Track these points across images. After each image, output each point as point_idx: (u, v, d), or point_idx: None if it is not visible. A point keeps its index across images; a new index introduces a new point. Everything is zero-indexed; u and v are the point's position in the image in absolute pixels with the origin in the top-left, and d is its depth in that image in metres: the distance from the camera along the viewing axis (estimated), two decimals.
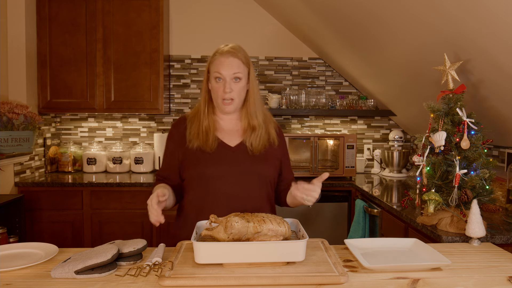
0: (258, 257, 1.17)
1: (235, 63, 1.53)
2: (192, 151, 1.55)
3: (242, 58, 1.55)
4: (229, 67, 1.52)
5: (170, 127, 1.68)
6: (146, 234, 3.03)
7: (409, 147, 3.74)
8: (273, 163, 1.60)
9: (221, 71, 1.52)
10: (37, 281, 1.12)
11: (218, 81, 1.54)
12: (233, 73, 1.52)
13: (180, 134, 1.61)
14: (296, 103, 3.51)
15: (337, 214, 3.13)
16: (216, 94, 1.55)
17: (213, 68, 1.55)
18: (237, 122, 1.63)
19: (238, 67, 1.53)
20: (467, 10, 1.68)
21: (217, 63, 1.54)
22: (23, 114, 2.73)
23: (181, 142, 1.59)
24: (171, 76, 3.66)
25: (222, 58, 1.53)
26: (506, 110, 2.11)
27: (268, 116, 1.66)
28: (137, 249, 1.24)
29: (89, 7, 3.23)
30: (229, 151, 1.56)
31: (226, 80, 1.52)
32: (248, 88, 1.59)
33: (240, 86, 1.55)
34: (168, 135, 1.67)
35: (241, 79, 1.54)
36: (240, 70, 1.53)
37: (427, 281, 1.13)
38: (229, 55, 1.53)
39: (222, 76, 1.52)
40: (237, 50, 1.55)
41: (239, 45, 1.59)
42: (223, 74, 1.52)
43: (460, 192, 1.68)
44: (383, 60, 2.80)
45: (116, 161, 3.44)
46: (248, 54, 1.60)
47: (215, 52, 1.58)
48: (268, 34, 3.63)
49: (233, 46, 1.57)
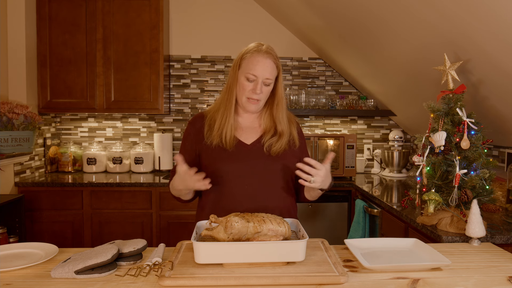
0: (258, 257, 1.17)
1: (270, 66, 1.50)
2: (210, 148, 1.54)
3: (277, 61, 1.53)
4: (264, 68, 1.49)
5: (187, 125, 1.66)
6: (146, 234, 3.03)
7: (409, 147, 3.74)
8: (290, 161, 1.57)
9: (256, 71, 1.48)
10: (37, 281, 1.12)
11: (250, 80, 1.50)
12: (266, 77, 1.50)
13: (197, 131, 1.59)
14: (296, 103, 3.51)
15: (337, 214, 3.13)
16: (243, 92, 1.52)
17: (247, 65, 1.50)
18: (254, 120, 1.62)
19: (272, 70, 1.51)
20: (467, 10, 1.68)
21: (254, 61, 1.49)
22: (23, 114, 2.73)
23: (198, 139, 1.58)
24: (171, 76, 3.66)
25: (260, 57, 1.49)
26: (506, 110, 2.11)
27: (291, 117, 1.65)
28: (137, 249, 1.24)
29: (89, 7, 3.23)
30: (245, 149, 1.55)
31: (259, 81, 1.49)
32: (275, 92, 1.57)
33: (269, 89, 1.54)
34: (184, 132, 1.65)
35: (271, 83, 1.53)
36: (272, 75, 1.51)
37: (427, 281, 1.13)
38: (266, 55, 1.50)
39: (256, 76, 1.49)
40: (273, 52, 1.53)
41: (273, 47, 1.57)
42: (257, 74, 1.48)
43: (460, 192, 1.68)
44: (383, 60, 2.80)
45: (116, 161, 3.44)
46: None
47: (249, 49, 1.52)
48: (268, 34, 3.63)
49: (269, 46, 1.55)
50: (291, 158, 1.58)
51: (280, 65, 1.56)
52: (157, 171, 3.53)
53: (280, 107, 1.58)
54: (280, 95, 1.57)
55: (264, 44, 1.55)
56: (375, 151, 3.67)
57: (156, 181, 3.06)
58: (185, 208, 3.03)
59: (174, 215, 3.04)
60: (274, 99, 1.58)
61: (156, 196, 3.01)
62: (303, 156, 1.64)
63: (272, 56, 1.51)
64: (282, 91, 1.58)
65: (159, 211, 3.03)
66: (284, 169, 1.56)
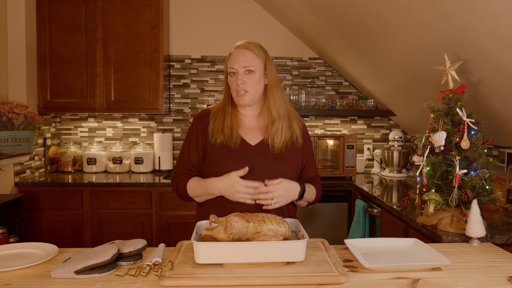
0: (258, 257, 1.17)
1: (247, 55, 1.54)
2: (215, 147, 1.55)
3: (255, 50, 1.55)
4: (241, 59, 1.53)
5: (193, 119, 1.66)
6: (146, 234, 3.03)
7: (409, 147, 3.74)
8: (294, 162, 1.58)
9: (234, 65, 1.54)
10: (37, 281, 1.12)
11: (232, 75, 1.56)
12: (245, 66, 1.53)
13: (203, 127, 1.61)
14: (296, 103, 3.51)
15: (337, 214, 3.13)
16: (231, 88, 1.57)
17: (228, 63, 1.58)
18: (258, 120, 1.62)
19: (250, 59, 1.53)
20: (467, 10, 1.68)
21: (232, 57, 1.57)
22: (23, 114, 2.73)
23: (204, 135, 1.59)
24: (171, 76, 3.66)
25: (236, 51, 1.56)
26: (506, 110, 2.11)
27: (293, 114, 1.65)
28: (137, 249, 1.24)
29: (89, 7, 3.23)
30: (249, 150, 1.55)
31: (239, 72, 1.53)
32: (266, 82, 1.59)
33: (254, 78, 1.54)
34: (190, 127, 1.65)
35: (253, 72, 1.54)
36: (252, 63, 1.53)
37: (427, 281, 1.13)
38: (241, 47, 1.55)
39: (235, 69, 1.54)
40: (251, 43, 1.57)
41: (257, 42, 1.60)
42: (235, 67, 1.54)
43: (460, 192, 1.68)
44: (383, 60, 2.80)
45: (116, 161, 3.44)
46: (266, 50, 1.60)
47: (231, 49, 1.60)
48: (268, 34, 3.63)
49: (248, 40, 1.59)
50: (294, 158, 1.58)
51: (263, 54, 1.58)
52: (157, 171, 3.53)
53: (272, 96, 1.58)
54: (270, 84, 1.58)
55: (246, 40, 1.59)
56: (375, 151, 3.67)
57: (156, 181, 3.06)
58: (185, 208, 3.03)
59: (174, 215, 3.04)
60: (266, 90, 1.60)
61: (156, 196, 3.01)
62: (307, 158, 1.65)
63: (248, 46, 1.55)
64: (272, 80, 1.58)
65: (159, 211, 3.03)
66: (287, 170, 1.56)
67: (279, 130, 1.56)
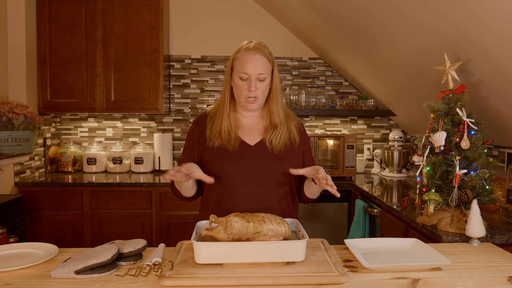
0: (258, 257, 1.17)
1: (261, 61, 1.50)
2: (213, 150, 1.54)
3: (268, 55, 1.53)
4: (255, 65, 1.49)
5: (192, 123, 1.65)
6: (146, 234, 3.03)
7: (409, 147, 3.74)
8: (293, 162, 1.57)
9: (247, 70, 1.49)
10: (37, 281, 1.12)
11: (244, 78, 1.51)
12: (259, 73, 1.49)
13: (201, 132, 1.59)
14: (296, 103, 3.51)
15: (337, 214, 3.13)
16: (240, 92, 1.53)
17: (238, 65, 1.51)
18: (258, 120, 1.62)
19: (264, 65, 1.50)
20: (467, 10, 1.68)
21: (243, 60, 1.50)
22: (23, 114, 2.73)
23: (201, 140, 1.58)
24: (171, 76, 3.66)
25: (248, 54, 1.50)
26: (506, 110, 2.11)
27: (290, 114, 1.64)
28: (137, 249, 1.24)
29: (89, 7, 3.23)
30: (248, 150, 1.54)
31: (252, 78, 1.49)
32: (271, 86, 1.57)
33: (265, 84, 1.53)
34: (189, 131, 1.65)
35: (266, 78, 1.52)
36: (265, 70, 1.51)
37: (427, 281, 1.13)
38: (255, 51, 1.50)
39: (248, 75, 1.49)
40: (263, 47, 1.53)
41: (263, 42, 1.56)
42: (249, 72, 1.49)
43: (460, 192, 1.68)
44: (383, 60, 2.80)
45: (116, 161, 3.44)
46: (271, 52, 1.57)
47: (239, 49, 1.54)
48: (268, 34, 3.63)
49: (258, 42, 1.54)
50: (294, 158, 1.58)
51: (273, 59, 1.56)
52: (157, 171, 3.53)
53: (275, 100, 1.57)
54: (275, 89, 1.57)
55: (253, 41, 1.55)
56: (375, 151, 3.67)
57: (156, 181, 3.06)
58: (185, 208, 3.03)
59: (174, 215, 3.04)
60: (270, 94, 1.58)
61: (156, 196, 3.01)
62: (307, 157, 1.64)
63: (261, 51, 1.51)
64: (277, 84, 1.57)
65: (159, 211, 3.03)
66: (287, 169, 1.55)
67: (278, 135, 1.56)
